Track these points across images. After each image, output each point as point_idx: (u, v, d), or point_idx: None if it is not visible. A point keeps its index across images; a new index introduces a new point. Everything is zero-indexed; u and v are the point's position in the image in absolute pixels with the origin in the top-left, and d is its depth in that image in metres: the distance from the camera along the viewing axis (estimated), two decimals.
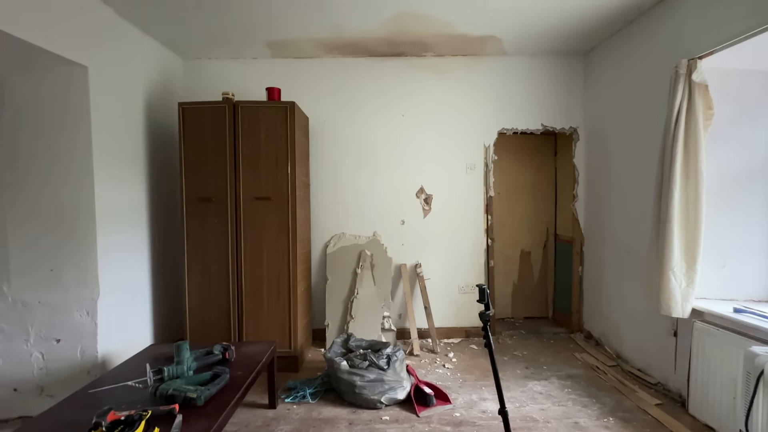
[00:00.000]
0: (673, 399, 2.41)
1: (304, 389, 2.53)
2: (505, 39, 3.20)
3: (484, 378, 2.78)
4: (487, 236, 3.62)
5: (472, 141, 3.60)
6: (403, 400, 2.43)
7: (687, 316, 2.22)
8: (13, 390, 2.36)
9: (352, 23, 2.88)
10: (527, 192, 4.19)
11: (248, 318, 2.83)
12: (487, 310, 1.67)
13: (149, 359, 2.07)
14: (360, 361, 2.46)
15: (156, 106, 3.09)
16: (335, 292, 3.43)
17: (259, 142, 2.80)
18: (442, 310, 3.58)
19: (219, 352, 2.06)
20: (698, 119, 2.15)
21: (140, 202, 2.91)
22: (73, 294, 2.38)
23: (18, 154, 2.34)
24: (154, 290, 3.03)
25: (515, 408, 2.37)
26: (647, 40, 2.70)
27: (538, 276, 4.23)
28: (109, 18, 2.57)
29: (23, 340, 2.36)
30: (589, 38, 3.18)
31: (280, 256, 2.83)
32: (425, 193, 3.61)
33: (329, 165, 3.57)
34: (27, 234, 2.36)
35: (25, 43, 1.98)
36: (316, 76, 3.54)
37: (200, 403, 1.60)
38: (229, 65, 3.52)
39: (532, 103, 3.58)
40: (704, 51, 2.17)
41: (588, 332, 3.52)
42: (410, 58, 3.54)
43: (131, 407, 1.52)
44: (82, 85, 2.36)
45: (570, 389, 2.60)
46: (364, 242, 3.54)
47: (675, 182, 2.19)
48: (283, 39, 3.14)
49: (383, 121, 3.57)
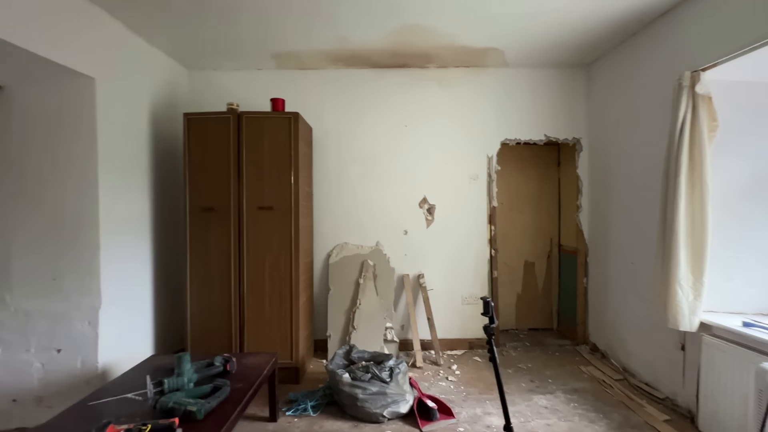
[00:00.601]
0: (682, 414, 2.35)
1: (305, 402, 2.49)
2: (507, 51, 3.22)
3: (488, 391, 2.73)
4: (491, 247, 3.60)
5: (476, 151, 3.60)
6: (406, 413, 2.39)
7: (695, 330, 2.18)
8: (11, 401, 2.34)
9: (357, 35, 2.92)
10: (531, 202, 4.17)
11: (250, 328, 2.81)
12: (491, 323, 1.65)
13: (150, 370, 2.04)
14: (362, 374, 2.43)
15: (161, 116, 3.11)
16: (337, 302, 3.40)
17: (262, 152, 2.81)
18: (446, 322, 3.55)
19: (220, 364, 2.04)
20: (703, 131, 2.14)
21: (144, 211, 2.91)
22: (75, 303, 2.37)
23: (23, 163, 2.36)
24: (156, 300, 3.01)
25: (520, 423, 2.32)
26: (650, 53, 2.71)
27: (542, 287, 4.19)
28: (116, 30, 2.61)
29: (24, 350, 2.35)
30: (591, 51, 3.20)
31: (282, 266, 2.82)
32: (428, 203, 3.61)
33: (332, 175, 3.58)
34: (30, 243, 2.36)
35: (34, 55, 2.00)
36: (320, 87, 3.57)
37: (200, 417, 1.57)
38: (233, 76, 3.55)
39: (535, 114, 3.59)
40: (707, 63, 2.17)
41: (594, 344, 3.47)
42: (413, 69, 3.57)
43: (130, 420, 1.50)
44: (89, 96, 2.38)
45: (576, 404, 2.55)
46: (367, 252, 3.53)
47: (680, 194, 2.17)
48: (288, 51, 3.18)
49: (386, 131, 3.59)
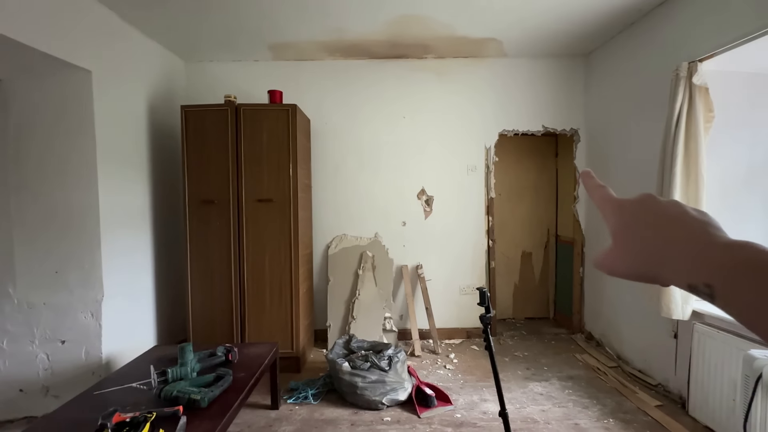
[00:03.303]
0: (673, 400, 2.42)
1: (306, 390, 2.55)
2: (505, 41, 3.21)
3: (485, 379, 2.79)
4: (488, 237, 3.64)
5: (473, 142, 3.61)
6: (405, 401, 2.45)
7: (687, 318, 2.23)
8: (19, 390, 2.39)
9: (354, 26, 2.90)
10: (528, 193, 4.19)
11: (251, 319, 2.85)
12: (487, 313, 1.68)
13: (153, 361, 2.09)
14: (361, 363, 2.48)
15: (159, 109, 3.11)
16: (337, 293, 3.45)
17: (261, 145, 2.82)
18: (444, 311, 3.60)
19: (222, 354, 2.08)
20: (699, 122, 2.16)
21: (144, 204, 2.93)
22: (78, 296, 2.41)
23: (23, 157, 2.37)
24: (158, 292, 3.05)
25: (516, 409, 2.38)
26: (648, 43, 2.71)
27: (539, 277, 4.24)
28: (112, 22, 2.59)
29: (29, 342, 2.39)
30: (589, 41, 3.19)
31: (282, 258, 2.85)
32: (426, 194, 3.63)
33: (330, 167, 3.59)
34: (32, 236, 2.39)
35: (30, 48, 2.00)
36: (317, 78, 3.55)
37: (204, 405, 1.62)
38: (230, 68, 3.53)
39: (533, 105, 3.59)
40: (705, 54, 2.18)
41: (589, 333, 3.53)
42: (411, 60, 3.56)
43: (136, 409, 1.54)
44: (85, 89, 2.38)
45: (571, 390, 2.61)
46: (366, 243, 3.56)
47: (675, 185, 2.20)
48: (285, 41, 3.16)
49: (384, 122, 3.59)
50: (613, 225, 0.37)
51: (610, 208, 0.38)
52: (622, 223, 0.37)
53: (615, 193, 0.39)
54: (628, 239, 0.36)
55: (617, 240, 0.37)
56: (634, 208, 0.36)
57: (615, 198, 0.39)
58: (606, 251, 0.37)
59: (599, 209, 0.40)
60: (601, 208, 0.39)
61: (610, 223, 0.38)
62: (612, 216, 0.38)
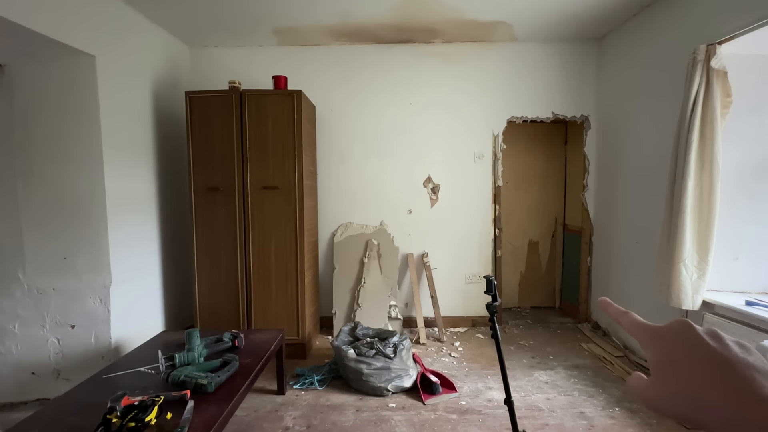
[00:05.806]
0: None
1: (312, 376, 2.57)
2: (515, 24, 3.12)
3: (490, 367, 2.79)
4: (495, 226, 3.60)
5: (481, 130, 3.55)
6: (410, 388, 2.46)
7: (697, 309, 2.20)
8: (31, 373, 2.44)
9: (360, 9, 2.83)
10: (536, 182, 4.13)
11: (257, 306, 2.87)
12: (494, 302, 1.67)
13: (161, 346, 2.11)
14: (367, 350, 2.49)
15: (163, 94, 3.09)
16: (342, 280, 3.45)
17: (266, 131, 2.79)
18: (449, 300, 3.59)
19: (228, 340, 2.10)
20: (716, 107, 2.09)
21: (150, 190, 2.93)
22: (86, 281, 2.44)
23: (30, 143, 2.37)
24: (165, 278, 3.08)
25: (521, 397, 2.38)
26: (664, 25, 2.61)
27: (545, 266, 4.21)
28: (115, 6, 2.56)
29: (39, 326, 2.43)
30: (603, 24, 3.09)
31: (287, 245, 2.85)
32: (433, 182, 3.59)
33: (336, 154, 3.56)
34: (40, 222, 2.40)
35: (34, 33, 1.98)
36: (322, 64, 3.50)
37: (211, 390, 1.63)
38: (235, 53, 3.49)
39: (543, 91, 3.50)
40: (724, 36, 2.09)
41: (595, 322, 3.50)
42: (418, 44, 3.48)
43: (144, 392, 1.56)
44: (90, 75, 2.36)
45: (576, 379, 2.61)
46: (371, 231, 3.55)
47: (689, 172, 2.14)
48: (290, 26, 3.10)
49: (391, 109, 3.53)
50: (652, 357, 0.36)
51: (646, 336, 0.37)
52: (662, 356, 0.35)
53: (641, 318, 0.39)
54: (669, 376, 0.34)
55: (659, 375, 0.35)
56: (673, 339, 0.35)
57: (648, 325, 0.38)
58: (646, 383, 0.36)
59: (632, 336, 0.39)
60: (635, 335, 0.39)
61: (649, 354, 0.36)
62: (650, 346, 0.36)
